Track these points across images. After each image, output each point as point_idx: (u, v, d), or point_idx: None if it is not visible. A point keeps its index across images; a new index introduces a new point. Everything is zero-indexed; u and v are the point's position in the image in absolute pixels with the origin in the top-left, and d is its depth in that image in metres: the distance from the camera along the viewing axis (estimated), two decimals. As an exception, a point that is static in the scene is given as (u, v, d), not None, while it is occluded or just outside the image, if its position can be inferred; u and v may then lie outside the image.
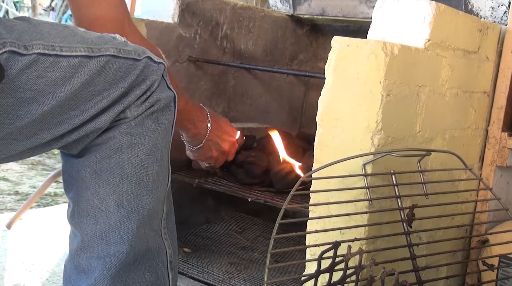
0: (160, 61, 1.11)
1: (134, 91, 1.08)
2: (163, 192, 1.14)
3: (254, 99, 2.06)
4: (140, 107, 1.09)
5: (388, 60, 1.07)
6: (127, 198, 1.07)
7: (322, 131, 1.13)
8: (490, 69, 1.46)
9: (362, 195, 1.08)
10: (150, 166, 1.10)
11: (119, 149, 1.07)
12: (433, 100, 1.24)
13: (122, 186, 1.07)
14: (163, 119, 1.12)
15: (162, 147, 1.12)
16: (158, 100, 1.10)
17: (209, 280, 1.52)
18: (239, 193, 1.59)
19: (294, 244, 1.67)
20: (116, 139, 1.08)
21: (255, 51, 2.00)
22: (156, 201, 1.11)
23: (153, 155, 1.10)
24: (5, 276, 1.63)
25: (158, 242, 1.14)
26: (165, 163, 1.14)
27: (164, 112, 1.12)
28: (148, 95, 1.10)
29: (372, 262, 0.92)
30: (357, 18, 1.92)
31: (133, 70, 1.07)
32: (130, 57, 1.07)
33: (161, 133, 1.11)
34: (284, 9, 2.09)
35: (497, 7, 1.57)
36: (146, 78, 1.09)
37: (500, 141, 1.47)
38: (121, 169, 1.07)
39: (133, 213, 1.08)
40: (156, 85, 1.10)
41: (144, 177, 1.09)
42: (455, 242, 1.40)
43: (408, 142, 1.19)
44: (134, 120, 1.09)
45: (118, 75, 1.06)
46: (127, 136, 1.08)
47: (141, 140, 1.09)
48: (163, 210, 1.15)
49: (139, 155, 1.08)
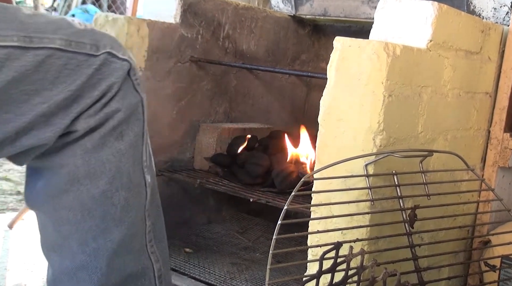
0: (125, 57, 0.93)
1: (85, 96, 0.89)
2: (140, 210, 1.00)
3: (256, 100, 2.06)
4: (92, 118, 0.90)
5: (390, 60, 1.06)
6: (92, 235, 0.94)
7: (324, 131, 1.13)
8: (492, 69, 1.46)
9: (364, 196, 1.08)
10: (116, 194, 0.94)
11: (75, 181, 0.92)
12: (435, 101, 1.24)
13: (84, 224, 0.93)
14: (129, 133, 0.94)
15: (129, 166, 0.95)
16: (118, 110, 0.92)
17: (211, 281, 1.52)
18: (240, 194, 1.59)
19: (296, 244, 1.67)
20: (70, 168, 0.91)
21: (257, 52, 2.00)
22: (129, 226, 0.98)
23: (118, 181, 0.94)
24: (7, 276, 1.63)
25: (141, 262, 1.02)
26: (137, 180, 0.98)
27: (130, 123, 0.94)
28: (104, 102, 0.91)
29: (374, 263, 0.92)
30: (359, 18, 1.92)
31: (84, 68, 0.89)
32: (82, 52, 0.89)
33: (127, 152, 0.94)
34: (286, 9, 2.09)
35: (499, 7, 1.57)
36: (102, 79, 0.90)
37: (502, 141, 1.47)
38: (81, 204, 0.93)
39: (100, 251, 0.95)
40: (116, 88, 0.92)
41: (109, 209, 0.94)
42: (457, 243, 1.40)
43: (410, 142, 1.18)
44: (88, 140, 0.91)
45: (64, 73, 0.87)
46: (84, 165, 0.91)
47: (100, 168, 0.92)
48: (145, 225, 1.02)
49: (100, 186, 0.93)
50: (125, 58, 0.93)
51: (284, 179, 1.60)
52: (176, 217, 1.83)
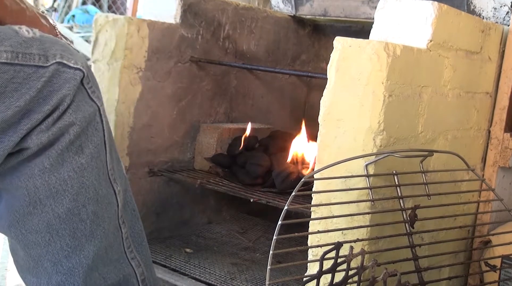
0: (77, 66, 0.88)
1: (35, 110, 0.84)
2: (112, 220, 0.97)
3: (256, 100, 2.06)
4: (45, 134, 0.85)
5: (390, 60, 1.06)
6: (64, 254, 0.91)
7: (324, 131, 1.13)
8: (493, 69, 1.46)
9: (364, 196, 1.08)
10: (83, 209, 0.91)
11: (38, 202, 0.88)
12: (435, 101, 1.24)
13: (54, 244, 0.90)
14: (88, 145, 0.90)
15: (94, 179, 0.91)
16: (72, 124, 0.87)
17: (211, 281, 1.52)
18: (241, 194, 1.59)
19: (296, 244, 1.67)
20: (29, 189, 0.87)
21: (257, 52, 2.00)
22: (102, 239, 0.94)
23: (83, 196, 0.90)
24: (7, 276, 1.63)
25: (122, 270, 0.99)
26: (104, 191, 0.94)
27: (89, 135, 0.90)
28: (56, 116, 0.85)
29: (374, 263, 0.92)
30: (359, 18, 1.92)
31: (33, 81, 0.83)
32: (30, 64, 0.84)
33: (89, 165, 0.90)
34: (286, 9, 2.09)
35: (499, 7, 1.57)
36: (53, 91, 0.85)
37: (502, 141, 1.47)
38: (48, 226, 0.89)
39: (75, 269, 0.92)
40: (69, 101, 0.86)
41: (78, 225, 0.91)
42: (458, 243, 1.40)
43: (410, 142, 1.18)
44: (45, 158, 0.86)
45: (11, 88, 0.81)
46: (44, 185, 0.87)
47: (62, 186, 0.88)
48: (120, 233, 0.99)
49: (64, 204, 0.89)
50: (77, 67, 0.87)
51: (284, 179, 1.60)
52: (176, 217, 1.83)
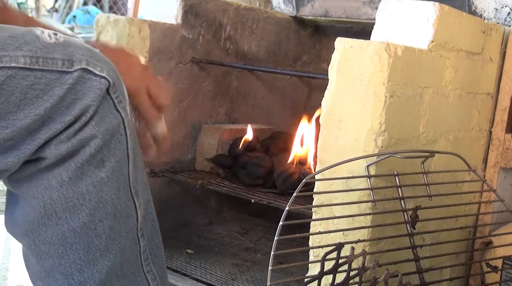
0: (103, 74, 0.82)
1: (56, 120, 0.80)
2: (131, 233, 0.93)
3: (257, 100, 2.06)
4: (64, 145, 0.81)
5: (391, 61, 1.06)
6: (76, 268, 0.88)
7: (325, 132, 1.13)
8: (494, 70, 1.46)
9: (366, 197, 1.08)
10: (99, 224, 0.87)
11: (53, 215, 0.85)
12: (436, 102, 1.24)
13: (67, 257, 0.87)
14: (110, 159, 0.85)
15: (113, 194, 0.87)
16: (94, 137, 0.82)
17: (212, 282, 1.52)
18: (242, 194, 1.58)
19: (297, 245, 1.66)
20: (45, 201, 0.84)
21: (258, 52, 2.00)
22: (118, 254, 0.91)
23: (100, 211, 0.87)
24: (9, 277, 1.63)
25: (137, 283, 0.97)
26: (123, 205, 0.90)
27: (111, 148, 0.86)
28: (77, 127, 0.81)
29: (376, 264, 0.91)
30: (360, 19, 1.92)
31: (55, 88, 0.79)
32: (53, 69, 0.79)
33: (109, 180, 0.86)
34: (287, 10, 2.09)
35: (500, 8, 1.57)
36: (76, 100, 0.80)
37: (503, 142, 1.47)
38: (62, 238, 0.86)
39: (87, 283, 0.89)
40: (92, 112, 0.82)
41: (93, 240, 0.87)
42: (459, 244, 1.40)
43: (412, 143, 1.18)
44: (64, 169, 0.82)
45: (31, 95, 0.78)
46: (60, 198, 0.84)
47: (79, 200, 0.84)
48: (138, 246, 0.96)
49: (80, 219, 0.85)
50: (103, 75, 0.82)
51: (285, 180, 1.59)
52: (177, 218, 1.83)
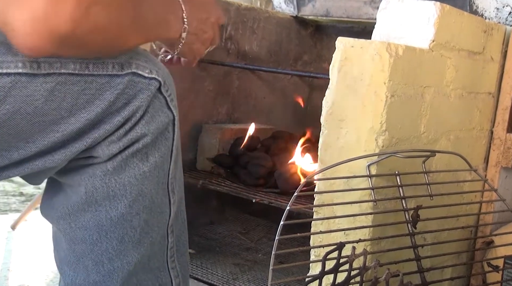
0: (153, 76, 0.84)
1: (106, 121, 0.81)
2: (162, 229, 0.95)
3: (258, 100, 2.06)
4: (116, 144, 0.83)
5: (392, 61, 1.06)
6: (107, 257, 0.89)
7: (326, 132, 1.13)
8: (495, 70, 1.46)
9: (367, 196, 1.08)
10: (136, 217, 0.89)
11: (94, 202, 0.86)
12: (437, 101, 1.24)
13: (100, 245, 0.89)
14: (154, 154, 0.87)
15: (152, 188, 0.89)
16: (144, 135, 0.85)
17: (213, 281, 1.52)
18: (243, 194, 1.58)
19: (299, 245, 1.66)
20: (88, 188, 0.86)
21: (259, 52, 2.00)
22: (148, 247, 0.93)
23: (139, 204, 0.88)
24: (10, 277, 1.63)
25: (160, 279, 0.98)
26: (160, 200, 0.92)
27: (157, 144, 0.88)
28: (128, 127, 0.83)
29: (377, 263, 0.91)
30: (361, 19, 1.92)
31: (106, 92, 0.80)
32: (103, 73, 0.79)
33: (151, 174, 0.88)
34: (289, 10, 2.09)
35: (501, 7, 1.57)
36: (126, 103, 0.82)
37: (505, 142, 1.47)
38: (98, 226, 0.88)
39: (115, 272, 0.90)
40: (141, 112, 0.83)
41: (128, 231, 0.89)
42: (460, 243, 1.40)
43: (413, 143, 1.18)
44: (109, 161, 0.84)
45: (83, 99, 0.79)
46: (103, 187, 0.85)
47: (121, 191, 0.86)
48: (167, 242, 0.97)
49: (119, 209, 0.87)
50: (153, 76, 0.83)
51: (286, 179, 1.59)
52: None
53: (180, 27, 0.96)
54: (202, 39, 1.05)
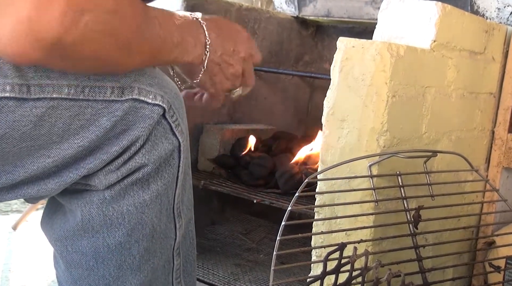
0: (156, 102, 0.78)
1: (102, 150, 0.77)
2: (165, 253, 0.90)
3: (259, 101, 2.06)
4: (113, 174, 0.79)
5: (393, 61, 1.06)
6: (104, 283, 0.85)
7: (327, 132, 1.13)
8: (496, 70, 1.46)
9: (368, 197, 1.08)
10: (134, 245, 0.84)
11: (90, 228, 0.83)
12: (439, 101, 1.24)
13: (97, 271, 0.85)
14: (157, 182, 0.82)
15: (154, 217, 0.84)
16: (144, 165, 0.80)
17: (215, 282, 1.52)
18: (244, 195, 1.58)
19: (300, 245, 1.67)
20: (84, 214, 0.82)
21: (260, 52, 2.00)
22: (150, 273, 0.88)
23: (138, 232, 0.84)
24: (11, 277, 1.63)
25: None
26: (163, 227, 0.87)
27: (160, 172, 0.82)
28: (127, 157, 0.78)
29: (378, 264, 0.91)
30: (362, 19, 1.92)
31: (103, 117, 0.75)
32: (100, 99, 0.74)
33: (152, 202, 0.83)
34: (290, 10, 2.09)
35: (503, 8, 1.57)
36: (127, 129, 0.77)
37: (506, 142, 1.47)
38: (95, 252, 0.84)
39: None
40: (141, 142, 0.78)
41: (126, 258, 0.85)
42: (462, 244, 1.39)
43: (414, 143, 1.18)
44: (107, 189, 0.80)
45: (76, 125, 0.73)
46: (100, 215, 0.81)
47: (118, 219, 0.82)
48: (172, 265, 0.92)
49: (117, 237, 0.83)
50: (156, 102, 0.78)
51: (287, 180, 1.59)
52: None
53: (200, 53, 0.88)
54: (227, 73, 0.95)
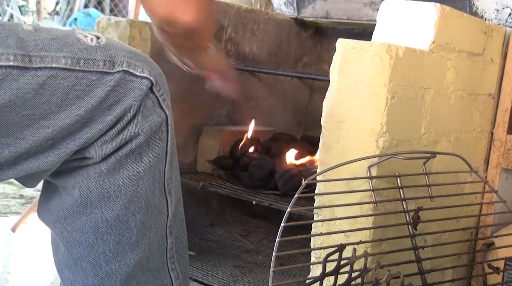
0: (144, 75, 0.84)
1: (97, 120, 0.82)
2: (160, 230, 0.95)
3: (258, 102, 2.06)
4: (109, 145, 0.83)
5: (393, 62, 1.06)
6: (105, 259, 0.89)
7: (326, 133, 1.13)
8: (495, 71, 1.46)
9: (367, 198, 1.08)
10: (131, 218, 0.89)
11: (89, 204, 0.86)
12: (438, 103, 1.24)
13: (97, 247, 0.89)
14: (148, 154, 0.87)
15: (148, 189, 0.89)
16: (137, 135, 0.85)
17: (214, 283, 1.52)
18: (243, 196, 1.58)
19: (299, 247, 1.66)
20: (83, 190, 0.86)
21: (260, 54, 2.00)
22: (146, 248, 0.93)
23: (134, 205, 0.88)
24: (10, 279, 1.63)
25: (160, 280, 0.97)
26: (157, 201, 0.92)
27: (151, 144, 0.87)
28: (121, 127, 0.83)
29: (378, 265, 0.91)
30: (361, 20, 1.92)
31: (97, 89, 0.81)
32: (94, 70, 0.80)
33: (146, 174, 0.87)
34: (289, 12, 2.09)
35: (501, 9, 1.57)
36: (117, 101, 0.82)
37: (505, 143, 1.47)
38: (94, 228, 0.88)
39: (113, 274, 0.90)
40: (133, 112, 0.83)
41: (124, 233, 0.89)
42: (461, 245, 1.40)
43: (413, 144, 1.18)
44: (103, 162, 0.84)
45: (72, 95, 0.79)
46: (98, 188, 0.85)
47: (115, 192, 0.86)
48: (165, 243, 0.97)
49: (114, 210, 0.87)
50: (144, 75, 0.84)
51: (287, 181, 1.59)
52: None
53: None
54: None
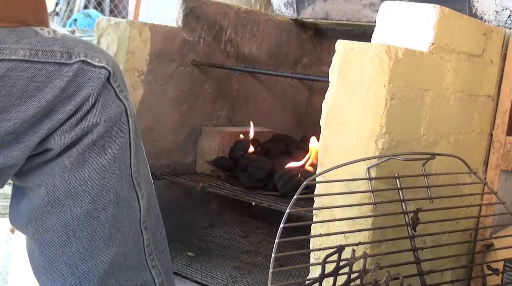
0: (102, 64, 0.85)
1: (57, 111, 0.82)
2: (134, 225, 0.94)
3: (258, 103, 2.06)
4: (68, 134, 0.84)
5: (392, 63, 1.06)
6: (80, 257, 0.88)
7: (326, 134, 1.13)
8: (495, 72, 1.46)
9: (367, 199, 1.08)
10: (102, 212, 0.88)
11: (57, 202, 0.86)
12: (437, 104, 1.24)
13: (70, 246, 0.88)
14: (112, 146, 0.87)
15: (115, 182, 0.88)
16: (96, 124, 0.85)
17: (213, 284, 1.52)
18: (242, 197, 1.58)
19: (298, 248, 1.66)
20: (49, 188, 0.85)
21: (259, 55, 2.00)
22: (121, 244, 0.92)
23: (103, 199, 0.88)
24: (9, 280, 1.63)
25: (141, 278, 0.96)
26: (126, 194, 0.91)
27: (113, 135, 0.87)
28: (80, 116, 0.84)
29: (377, 266, 0.91)
30: (361, 22, 1.92)
31: (56, 80, 0.81)
32: (52, 61, 0.81)
33: (111, 167, 0.87)
34: (288, 13, 2.09)
35: (501, 11, 1.57)
36: (77, 91, 0.83)
37: (504, 145, 1.47)
38: (65, 226, 0.87)
39: (90, 273, 0.89)
40: (92, 100, 0.84)
41: (96, 228, 0.88)
42: (460, 246, 1.40)
43: (413, 145, 1.18)
44: (66, 157, 0.84)
45: (32, 86, 0.80)
46: (63, 184, 0.85)
47: (82, 187, 0.86)
48: (142, 239, 0.96)
49: (83, 206, 0.86)
50: (102, 65, 0.84)
51: (286, 182, 1.59)
52: (178, 220, 1.83)
53: None
54: None
